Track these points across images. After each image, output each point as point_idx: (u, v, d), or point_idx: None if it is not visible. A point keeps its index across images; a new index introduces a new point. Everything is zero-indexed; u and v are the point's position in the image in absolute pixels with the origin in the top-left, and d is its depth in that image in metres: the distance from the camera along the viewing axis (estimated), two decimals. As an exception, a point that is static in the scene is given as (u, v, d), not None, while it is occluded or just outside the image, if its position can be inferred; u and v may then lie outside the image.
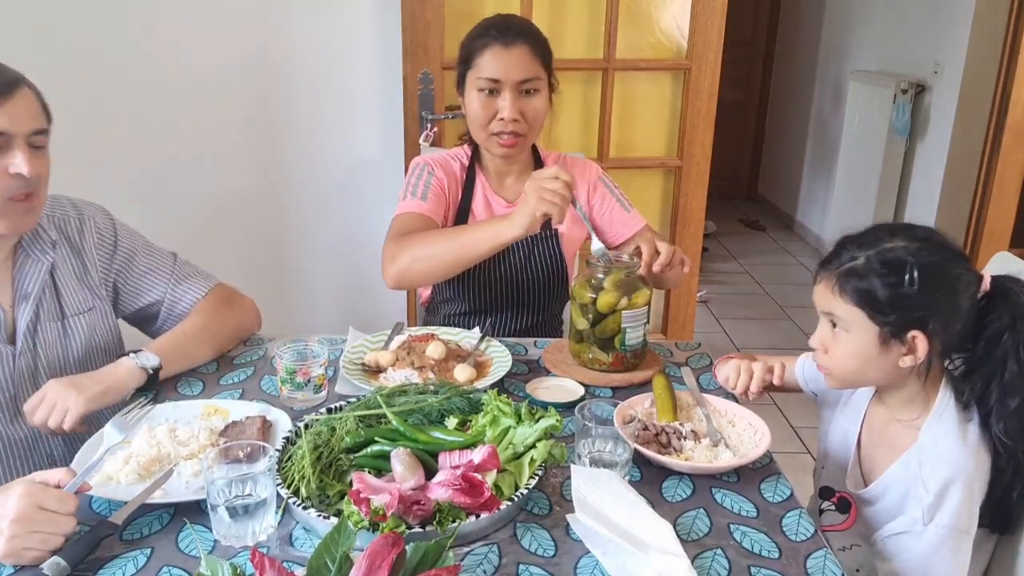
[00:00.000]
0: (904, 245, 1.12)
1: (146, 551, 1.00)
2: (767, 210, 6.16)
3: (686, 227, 2.67)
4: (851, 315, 1.14)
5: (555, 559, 0.99)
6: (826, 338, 1.20)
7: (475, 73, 1.65)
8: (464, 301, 1.81)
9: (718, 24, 2.47)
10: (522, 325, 1.83)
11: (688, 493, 1.14)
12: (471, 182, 1.79)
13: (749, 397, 1.36)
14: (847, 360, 1.18)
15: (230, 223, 2.53)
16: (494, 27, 1.66)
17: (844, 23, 5.01)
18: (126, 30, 2.29)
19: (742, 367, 1.36)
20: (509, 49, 1.63)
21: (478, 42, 1.65)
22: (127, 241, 1.52)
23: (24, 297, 1.37)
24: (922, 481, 1.13)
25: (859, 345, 1.15)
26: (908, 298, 1.10)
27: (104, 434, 1.20)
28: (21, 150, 1.23)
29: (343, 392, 1.41)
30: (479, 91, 1.65)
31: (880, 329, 1.12)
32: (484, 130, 1.68)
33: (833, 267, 1.16)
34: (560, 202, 1.41)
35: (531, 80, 1.64)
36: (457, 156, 1.82)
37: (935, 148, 3.89)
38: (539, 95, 1.67)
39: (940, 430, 1.16)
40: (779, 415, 3.11)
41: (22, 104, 1.24)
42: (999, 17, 3.39)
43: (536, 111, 1.67)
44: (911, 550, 1.14)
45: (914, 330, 1.11)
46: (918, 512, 1.13)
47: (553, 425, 1.12)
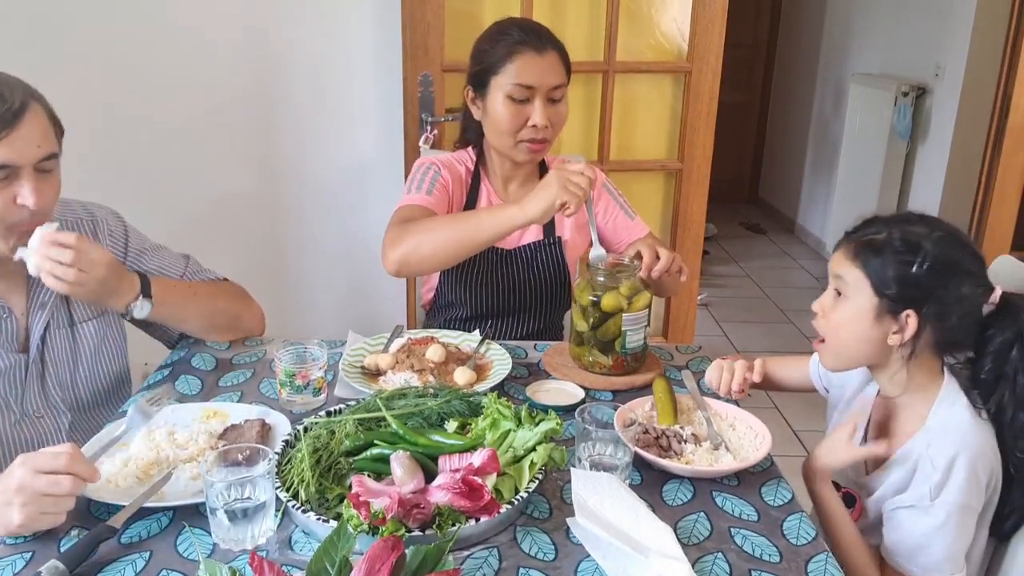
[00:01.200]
0: (927, 232, 1.15)
1: (145, 554, 0.99)
2: (768, 213, 6.16)
3: (687, 230, 2.67)
4: (857, 281, 1.17)
5: (555, 563, 0.99)
6: (827, 303, 1.23)
7: (505, 79, 1.62)
8: (466, 306, 1.80)
9: (719, 26, 2.46)
10: (524, 331, 1.83)
11: (689, 497, 1.14)
12: (476, 186, 1.79)
13: (733, 396, 1.39)
14: (842, 327, 1.20)
15: (230, 225, 2.53)
16: (522, 32, 1.63)
17: (845, 25, 5.01)
18: (126, 32, 2.29)
19: (724, 366, 1.40)
20: (543, 56, 1.61)
21: (510, 47, 1.62)
22: (137, 245, 1.52)
23: (41, 306, 1.37)
24: (930, 459, 1.15)
25: (856, 312, 1.18)
26: (913, 278, 1.13)
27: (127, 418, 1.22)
28: (28, 180, 1.21)
29: (342, 395, 1.40)
30: (508, 97, 1.62)
31: (879, 300, 1.16)
32: (512, 136, 1.66)
33: (855, 236, 1.20)
34: (581, 195, 1.43)
35: (560, 87, 1.64)
36: (462, 160, 1.81)
37: (936, 151, 3.89)
38: (564, 101, 1.68)
39: (948, 413, 1.18)
40: (780, 418, 3.11)
41: (29, 130, 1.20)
42: (1000, 20, 3.39)
43: (561, 117, 1.68)
44: (916, 524, 1.15)
45: (909, 309, 1.14)
46: (925, 489, 1.14)
47: (553, 428, 1.12)
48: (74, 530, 1.03)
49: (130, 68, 2.31)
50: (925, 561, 1.14)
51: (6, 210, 1.21)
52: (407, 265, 1.54)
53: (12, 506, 0.98)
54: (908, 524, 1.16)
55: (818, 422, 1.46)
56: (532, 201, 1.46)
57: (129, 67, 2.31)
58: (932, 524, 1.13)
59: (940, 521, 1.13)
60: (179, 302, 1.46)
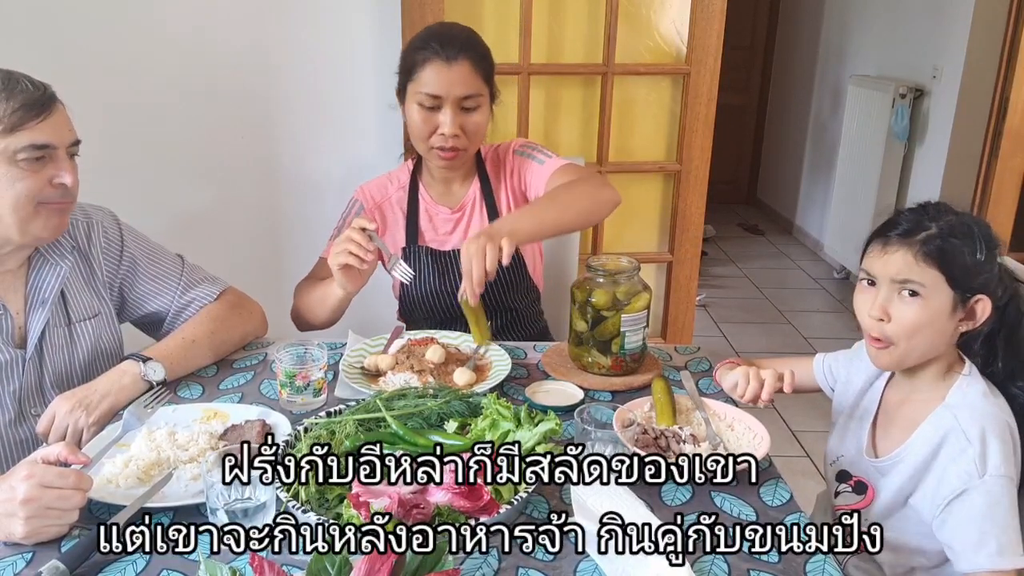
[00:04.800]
0: (961, 217, 1.18)
1: (145, 555, 1.00)
2: (766, 214, 6.16)
3: (685, 231, 2.67)
4: (932, 279, 1.16)
5: (554, 563, 0.99)
6: (894, 308, 1.19)
7: (416, 87, 1.63)
8: (432, 317, 1.80)
9: (717, 28, 2.47)
10: (498, 323, 1.82)
11: (687, 497, 1.14)
12: (414, 199, 1.80)
13: (760, 405, 1.35)
14: (918, 327, 1.18)
15: (230, 226, 2.53)
16: (435, 39, 1.63)
17: (843, 27, 5.02)
18: (126, 33, 2.29)
19: (751, 374, 1.33)
20: (451, 65, 1.61)
21: (419, 55, 1.63)
22: (133, 246, 1.52)
23: (41, 303, 1.37)
24: (962, 431, 1.15)
25: (935, 310, 1.17)
26: (979, 264, 1.16)
27: (123, 422, 1.23)
28: (64, 162, 1.28)
29: (342, 396, 1.41)
30: (419, 105, 1.64)
31: (955, 293, 1.16)
32: (425, 143, 1.68)
33: (903, 235, 1.18)
34: (355, 249, 1.47)
35: (472, 96, 1.63)
36: (395, 177, 1.84)
37: (934, 153, 3.90)
38: (480, 110, 1.66)
39: (969, 391, 1.19)
40: (778, 419, 3.11)
41: (62, 115, 1.29)
42: (998, 22, 3.40)
43: (477, 126, 1.67)
44: (973, 507, 1.12)
45: (980, 294, 1.16)
46: (971, 466, 1.13)
47: (552, 429, 1.12)
48: (75, 530, 1.03)
49: (129, 68, 2.31)
50: (994, 545, 1.10)
51: (43, 190, 1.26)
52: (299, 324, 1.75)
53: (16, 518, 0.98)
54: (965, 511, 1.13)
55: (817, 422, 1.47)
56: None
57: (128, 67, 2.31)
58: (989, 501, 1.11)
59: (996, 496, 1.11)
60: (182, 360, 1.45)
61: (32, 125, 1.23)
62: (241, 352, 1.60)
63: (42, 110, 1.24)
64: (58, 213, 1.31)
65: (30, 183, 1.24)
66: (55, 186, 1.27)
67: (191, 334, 1.49)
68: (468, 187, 1.81)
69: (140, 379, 1.36)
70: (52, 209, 1.29)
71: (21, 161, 1.23)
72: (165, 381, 1.39)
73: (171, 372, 1.41)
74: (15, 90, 1.23)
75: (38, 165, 1.25)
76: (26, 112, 1.22)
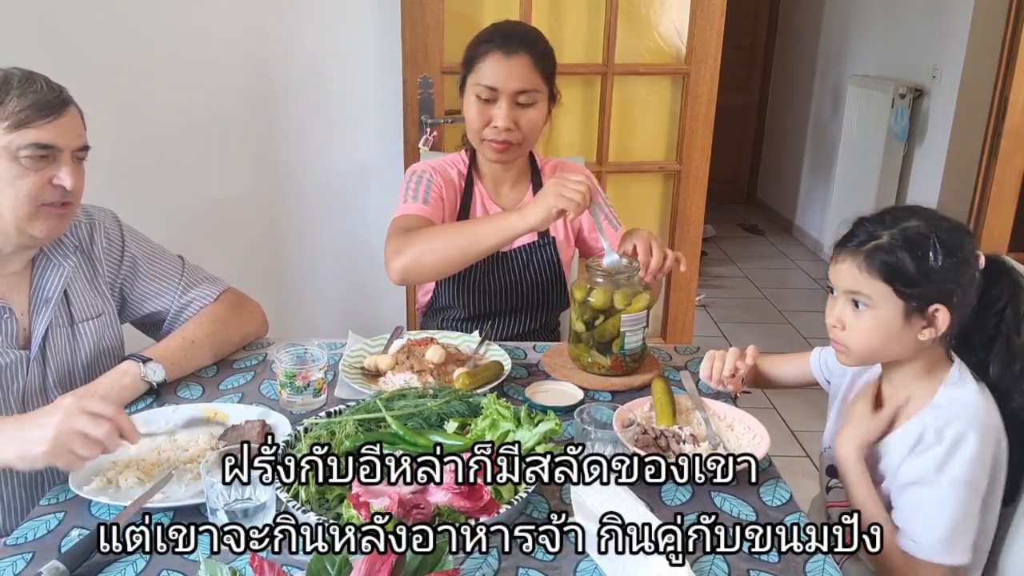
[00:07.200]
0: (920, 223, 1.16)
1: (145, 555, 1.00)
2: (766, 214, 6.16)
3: (685, 231, 2.67)
4: (878, 291, 1.16)
5: (555, 563, 0.99)
6: (846, 317, 1.21)
7: (474, 79, 1.66)
8: (463, 308, 1.81)
9: (717, 28, 2.47)
10: (519, 330, 1.84)
11: (687, 497, 1.14)
12: (469, 189, 1.79)
13: (726, 385, 1.38)
14: (870, 336, 1.19)
15: (230, 227, 2.53)
16: (498, 33, 1.66)
17: (843, 28, 5.02)
18: (127, 34, 2.29)
19: (716, 355, 1.39)
20: (510, 58, 1.62)
21: (481, 48, 1.65)
22: (133, 247, 1.52)
23: (45, 303, 1.38)
24: (935, 431, 1.15)
25: (884, 321, 1.17)
26: (933, 272, 1.13)
27: None
28: (67, 164, 1.28)
29: (342, 396, 1.41)
30: (476, 97, 1.65)
31: (905, 304, 1.15)
32: (478, 135, 1.69)
33: (855, 246, 1.18)
34: (580, 200, 1.44)
35: (528, 91, 1.64)
36: (454, 163, 1.82)
37: (933, 153, 3.90)
38: (536, 107, 1.67)
39: (955, 393, 1.19)
40: (778, 418, 3.11)
41: (72, 119, 1.30)
42: (997, 22, 3.40)
43: (532, 122, 1.67)
44: (921, 499, 1.15)
45: (936, 303, 1.14)
46: (930, 463, 1.14)
47: (552, 429, 1.12)
48: (74, 530, 1.04)
49: (130, 68, 2.31)
50: (928, 538, 1.13)
51: (43, 189, 1.26)
52: (411, 274, 1.59)
53: (45, 429, 1.03)
54: (914, 501, 1.16)
55: (817, 422, 1.47)
56: (532, 209, 1.48)
57: (129, 67, 2.31)
58: (936, 498, 1.13)
59: (946, 499, 1.13)
60: (182, 361, 1.46)
61: (39, 124, 1.24)
62: (241, 352, 1.60)
63: (52, 111, 1.25)
64: (57, 217, 1.30)
65: (30, 181, 1.25)
66: (55, 186, 1.27)
67: (191, 334, 1.49)
68: (522, 193, 1.81)
69: (140, 379, 1.36)
70: (52, 212, 1.29)
71: (24, 158, 1.24)
72: (165, 381, 1.39)
73: (171, 372, 1.41)
74: (29, 89, 1.25)
75: (40, 164, 1.25)
76: (35, 111, 1.24)
